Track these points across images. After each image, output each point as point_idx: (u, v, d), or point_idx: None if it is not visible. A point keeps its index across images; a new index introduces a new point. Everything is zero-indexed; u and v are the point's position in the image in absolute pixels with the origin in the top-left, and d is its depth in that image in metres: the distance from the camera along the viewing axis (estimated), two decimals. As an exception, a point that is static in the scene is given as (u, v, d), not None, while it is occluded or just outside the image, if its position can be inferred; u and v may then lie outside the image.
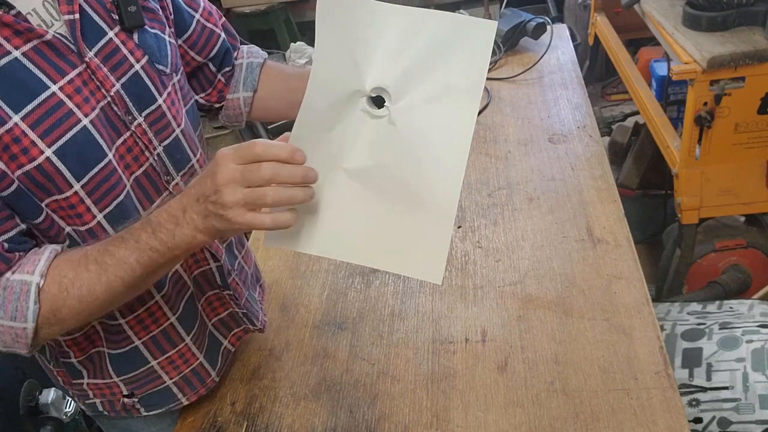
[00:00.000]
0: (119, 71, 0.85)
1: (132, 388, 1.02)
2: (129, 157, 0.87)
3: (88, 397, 1.03)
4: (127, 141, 0.86)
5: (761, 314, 1.61)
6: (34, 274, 0.78)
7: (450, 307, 1.21)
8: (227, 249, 1.07)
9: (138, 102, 0.87)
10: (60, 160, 0.78)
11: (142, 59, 0.87)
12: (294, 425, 1.05)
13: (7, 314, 0.78)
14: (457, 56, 0.75)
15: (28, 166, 0.77)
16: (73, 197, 0.82)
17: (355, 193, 0.81)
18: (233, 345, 1.13)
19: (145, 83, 0.88)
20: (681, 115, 2.20)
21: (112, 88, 0.84)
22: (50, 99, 0.77)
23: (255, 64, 1.10)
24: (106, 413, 1.05)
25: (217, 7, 1.13)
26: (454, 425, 1.01)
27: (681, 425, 0.95)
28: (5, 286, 0.78)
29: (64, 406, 1.76)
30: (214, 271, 1.03)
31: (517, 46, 2.00)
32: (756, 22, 1.72)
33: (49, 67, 0.78)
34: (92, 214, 0.84)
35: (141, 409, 1.04)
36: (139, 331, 0.97)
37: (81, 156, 0.80)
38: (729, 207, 1.91)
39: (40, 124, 0.76)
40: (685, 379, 1.54)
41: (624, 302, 1.14)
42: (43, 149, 0.77)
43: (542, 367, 1.06)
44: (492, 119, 1.71)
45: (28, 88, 0.76)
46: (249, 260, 1.18)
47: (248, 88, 1.09)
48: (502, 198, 1.44)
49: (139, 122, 0.87)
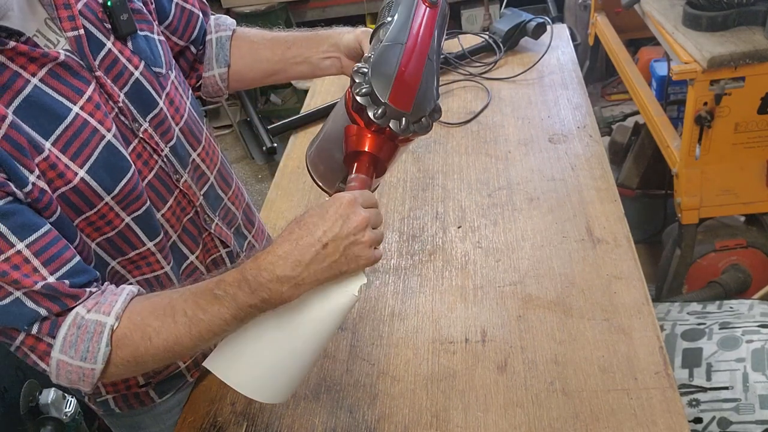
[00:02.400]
0: (121, 81, 0.86)
1: (148, 377, 1.03)
2: (140, 163, 0.89)
3: (100, 394, 1.04)
4: (136, 148, 0.88)
5: (761, 314, 1.61)
6: (110, 316, 0.78)
7: (450, 307, 1.21)
8: (236, 232, 1.10)
9: (141, 108, 0.89)
10: (93, 178, 0.80)
11: (140, 65, 0.89)
12: (294, 425, 1.05)
13: (77, 354, 0.77)
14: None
15: (64, 188, 0.78)
16: (104, 207, 0.83)
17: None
18: None
19: (146, 89, 0.89)
20: (681, 115, 2.20)
21: (119, 99, 0.85)
22: (75, 120, 0.79)
23: (224, 38, 1.10)
24: (118, 410, 1.06)
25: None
26: (453, 425, 1.01)
27: (681, 425, 0.95)
28: (80, 324, 0.77)
29: (64, 406, 1.76)
30: (224, 256, 1.07)
31: (517, 46, 2.00)
32: (756, 22, 1.72)
33: (66, 88, 0.79)
34: (121, 218, 0.86)
35: (155, 397, 1.06)
36: None
37: (110, 170, 0.82)
38: (729, 207, 1.91)
39: (69, 147, 0.78)
40: (685, 379, 1.54)
41: (624, 302, 1.14)
42: (76, 171, 0.78)
43: (542, 367, 1.06)
44: (492, 119, 1.71)
45: (53, 113, 0.77)
46: (260, 237, 1.20)
47: (221, 64, 1.10)
48: (502, 198, 1.44)
49: (145, 128, 0.89)
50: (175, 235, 0.96)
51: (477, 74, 1.91)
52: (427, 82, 0.84)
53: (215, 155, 1.06)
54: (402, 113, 0.81)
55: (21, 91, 0.75)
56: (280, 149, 3.31)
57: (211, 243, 1.04)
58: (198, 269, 1.03)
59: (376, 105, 0.80)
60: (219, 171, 1.06)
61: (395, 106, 0.80)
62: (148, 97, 0.90)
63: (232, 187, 1.10)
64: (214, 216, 1.03)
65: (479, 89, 1.86)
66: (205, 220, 1.01)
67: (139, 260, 0.92)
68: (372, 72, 0.81)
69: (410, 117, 0.81)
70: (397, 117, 0.81)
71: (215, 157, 1.06)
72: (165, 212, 0.94)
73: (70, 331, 0.77)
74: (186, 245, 0.99)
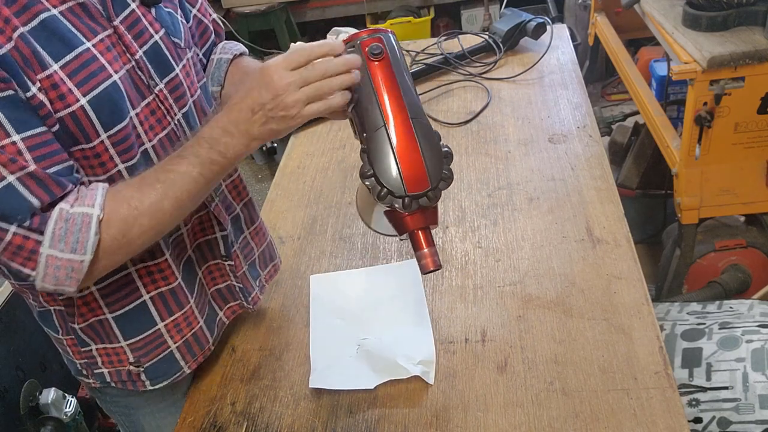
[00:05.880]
0: (141, 39, 0.91)
1: (138, 356, 1.03)
2: (153, 119, 0.93)
3: (96, 365, 1.05)
4: (150, 104, 0.92)
5: (761, 314, 1.61)
6: (94, 207, 0.81)
7: (450, 307, 1.21)
8: (233, 221, 1.11)
9: (159, 69, 0.93)
10: (93, 110, 0.83)
11: (160, 31, 0.94)
12: (294, 425, 1.05)
13: (68, 246, 0.80)
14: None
15: (63, 112, 0.81)
16: (99, 146, 0.86)
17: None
18: (227, 318, 1.17)
19: (164, 53, 0.94)
20: (681, 115, 2.20)
21: (137, 53, 0.90)
22: (85, 53, 0.83)
23: (224, 60, 1.14)
24: (113, 384, 1.07)
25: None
26: (453, 425, 1.01)
27: (681, 425, 0.95)
28: (66, 218, 0.80)
29: (64, 406, 1.76)
30: (219, 239, 1.08)
31: (517, 46, 2.00)
32: (756, 22, 1.72)
33: (82, 26, 0.84)
34: (115, 162, 0.89)
35: (147, 381, 1.06)
36: (148, 283, 0.99)
37: (111, 108, 0.86)
38: (729, 207, 1.91)
39: (77, 74, 0.82)
40: (684, 379, 1.54)
41: (624, 302, 1.14)
42: (78, 97, 0.82)
43: (542, 367, 1.06)
44: (492, 119, 1.72)
45: (66, 41, 0.82)
46: (260, 239, 1.21)
47: (215, 83, 1.14)
48: (502, 198, 1.44)
49: (161, 88, 0.94)
50: None
51: (477, 74, 1.91)
52: (429, 149, 0.86)
53: None
54: (425, 192, 0.85)
55: (39, 14, 0.79)
56: (280, 149, 3.31)
57: (208, 222, 1.06)
58: (184, 242, 1.03)
59: (400, 199, 0.84)
60: None
61: (415, 191, 0.84)
62: (166, 60, 0.94)
63: (232, 177, 1.12)
64: (215, 195, 1.05)
65: (479, 89, 1.86)
66: (207, 198, 1.02)
67: None
68: (377, 171, 0.84)
69: (432, 191, 0.85)
70: (422, 196, 0.85)
71: None
72: None
73: (57, 225, 0.80)
74: None
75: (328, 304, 1.24)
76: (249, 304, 1.17)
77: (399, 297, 1.23)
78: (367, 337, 1.16)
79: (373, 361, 1.11)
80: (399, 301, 1.23)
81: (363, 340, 1.15)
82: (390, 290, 1.22)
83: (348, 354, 1.14)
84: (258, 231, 1.20)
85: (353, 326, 1.19)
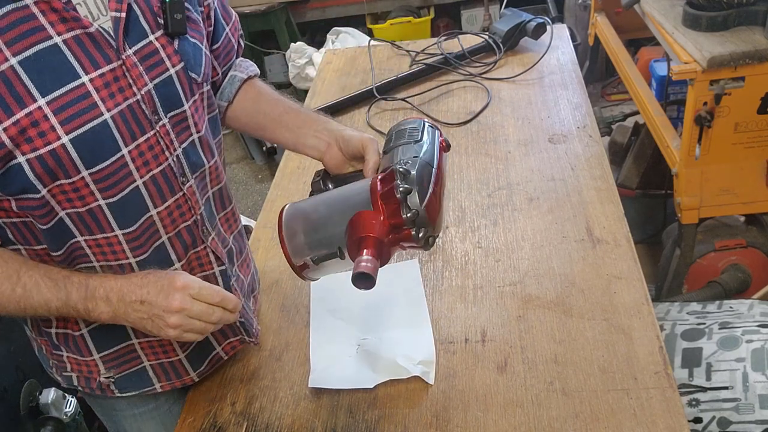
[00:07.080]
0: (154, 72, 0.88)
1: (110, 367, 1.03)
2: (149, 155, 0.90)
3: (65, 369, 1.05)
4: (149, 139, 0.89)
5: (761, 314, 1.61)
6: None
7: (450, 307, 1.21)
8: (228, 254, 1.08)
9: (166, 104, 0.90)
10: (74, 148, 0.81)
11: (178, 65, 0.91)
12: (294, 425, 1.05)
13: None
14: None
15: (42, 150, 0.79)
16: (79, 182, 0.84)
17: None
18: (226, 353, 1.13)
19: (176, 88, 0.92)
20: (681, 115, 2.20)
21: (144, 87, 0.87)
22: (78, 88, 0.80)
23: (237, 78, 1.14)
24: (81, 389, 1.07)
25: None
26: (453, 425, 1.01)
27: (681, 425, 0.95)
28: None
29: (64, 406, 1.76)
30: (218, 275, 1.05)
31: (517, 47, 2.00)
32: (756, 22, 1.72)
33: (84, 57, 0.81)
34: (95, 197, 0.87)
35: (115, 390, 1.06)
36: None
37: (95, 148, 0.83)
38: (729, 207, 1.91)
39: (64, 111, 0.79)
40: (684, 379, 1.54)
41: (624, 302, 1.14)
42: (60, 135, 0.80)
43: (542, 367, 1.06)
44: (492, 119, 1.72)
45: (59, 74, 0.79)
46: (246, 270, 1.18)
47: (224, 98, 1.14)
48: (502, 198, 1.44)
49: (164, 122, 0.91)
50: (165, 236, 0.95)
51: (477, 74, 1.91)
52: (444, 214, 0.92)
53: (220, 177, 1.06)
54: (427, 222, 0.87)
55: (35, 45, 0.77)
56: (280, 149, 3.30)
57: (206, 258, 1.02)
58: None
59: (411, 205, 0.86)
60: (220, 190, 1.06)
61: (427, 213, 0.86)
62: (176, 95, 0.92)
63: (225, 210, 1.09)
64: (211, 230, 1.03)
65: (479, 89, 1.86)
66: (203, 232, 1.00)
67: (105, 245, 0.92)
68: (416, 176, 0.86)
69: (429, 230, 0.88)
70: (420, 225, 0.87)
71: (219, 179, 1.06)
72: (161, 210, 0.93)
73: None
74: (175, 251, 0.98)
75: (328, 304, 1.24)
76: (252, 337, 1.14)
77: (399, 297, 1.23)
78: (367, 337, 1.16)
79: (373, 361, 1.11)
80: (399, 301, 1.23)
81: (363, 340, 1.16)
82: (390, 290, 1.22)
83: (348, 354, 1.14)
84: (245, 261, 1.18)
85: (353, 326, 1.19)
